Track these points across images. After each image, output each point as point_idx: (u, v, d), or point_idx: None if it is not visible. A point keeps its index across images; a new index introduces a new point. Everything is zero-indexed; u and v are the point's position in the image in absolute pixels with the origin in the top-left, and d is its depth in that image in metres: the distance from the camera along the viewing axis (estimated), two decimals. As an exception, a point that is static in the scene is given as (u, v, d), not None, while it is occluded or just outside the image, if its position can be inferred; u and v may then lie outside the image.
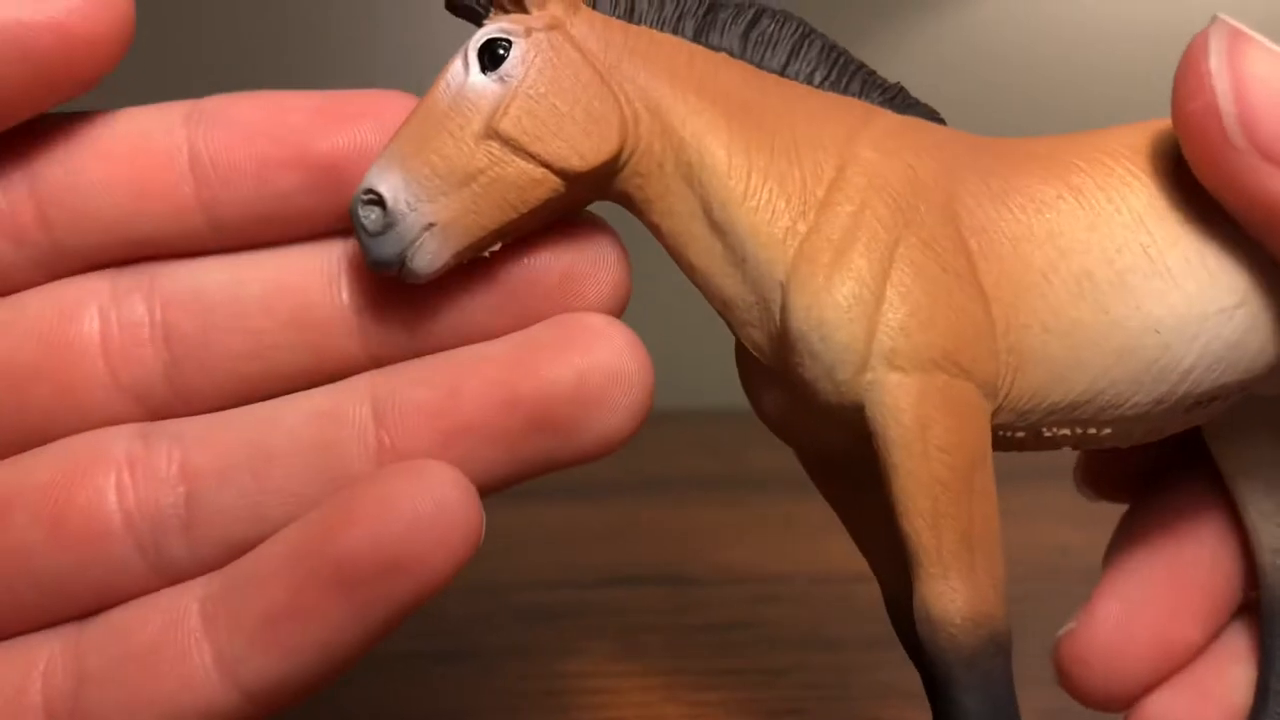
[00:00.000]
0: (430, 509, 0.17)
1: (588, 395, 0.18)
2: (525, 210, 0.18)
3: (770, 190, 0.19)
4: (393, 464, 0.18)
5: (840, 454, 0.20)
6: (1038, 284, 0.19)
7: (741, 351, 0.20)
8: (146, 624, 0.18)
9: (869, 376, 0.18)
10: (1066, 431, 0.19)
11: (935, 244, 0.18)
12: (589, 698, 0.30)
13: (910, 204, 0.18)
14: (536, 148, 0.18)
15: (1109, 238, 0.19)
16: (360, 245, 0.18)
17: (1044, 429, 0.19)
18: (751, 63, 0.20)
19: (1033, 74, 0.62)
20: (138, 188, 0.19)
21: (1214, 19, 0.17)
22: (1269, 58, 0.17)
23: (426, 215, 0.18)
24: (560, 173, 0.18)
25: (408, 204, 0.18)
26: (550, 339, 0.19)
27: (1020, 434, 0.19)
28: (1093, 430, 0.19)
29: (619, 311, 0.20)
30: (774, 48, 0.20)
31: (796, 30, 0.20)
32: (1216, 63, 0.17)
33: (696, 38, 0.20)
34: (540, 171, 0.18)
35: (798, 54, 0.20)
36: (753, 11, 0.20)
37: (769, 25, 0.20)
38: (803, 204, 0.19)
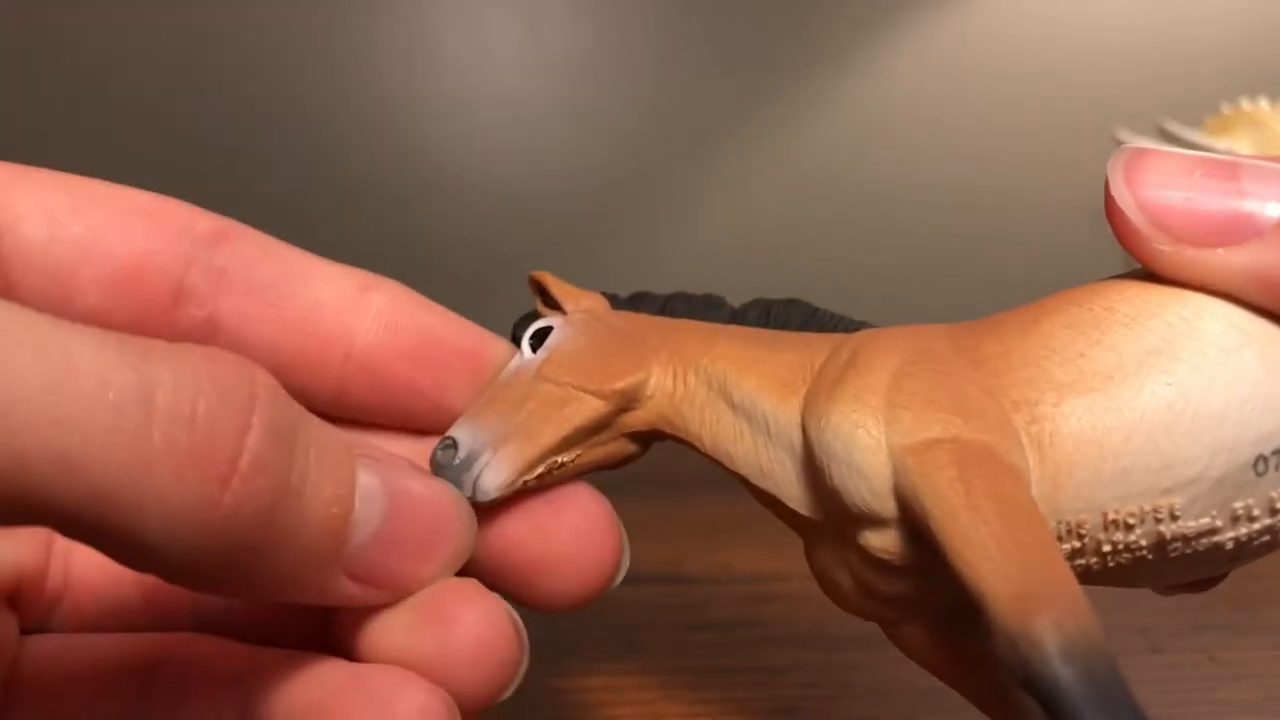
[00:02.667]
0: None
1: None
2: (572, 427, 0.21)
3: (776, 367, 0.21)
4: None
5: (918, 605, 0.21)
6: (1040, 372, 0.19)
7: (810, 553, 0.22)
8: None
9: (887, 460, 0.19)
10: (1134, 509, 0.18)
11: (929, 357, 0.20)
12: (589, 696, 0.30)
13: (901, 341, 0.21)
14: (575, 378, 0.22)
15: (1092, 326, 0.19)
16: None
17: (1107, 509, 0.19)
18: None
19: (1033, 75, 0.62)
20: (292, 358, 0.21)
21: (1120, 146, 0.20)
22: (1159, 164, 0.19)
23: (489, 442, 0.21)
24: (597, 393, 0.22)
25: (474, 439, 0.21)
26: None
27: (1083, 518, 0.19)
28: (1160, 502, 0.18)
29: None
30: (783, 325, 0.23)
31: (804, 308, 0.23)
32: (1118, 190, 0.19)
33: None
34: (580, 395, 0.22)
35: (806, 326, 0.23)
36: (768, 306, 0.23)
37: (780, 311, 0.23)
38: (805, 372, 0.21)
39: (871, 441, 0.19)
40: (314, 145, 0.61)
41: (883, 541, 0.19)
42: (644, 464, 0.24)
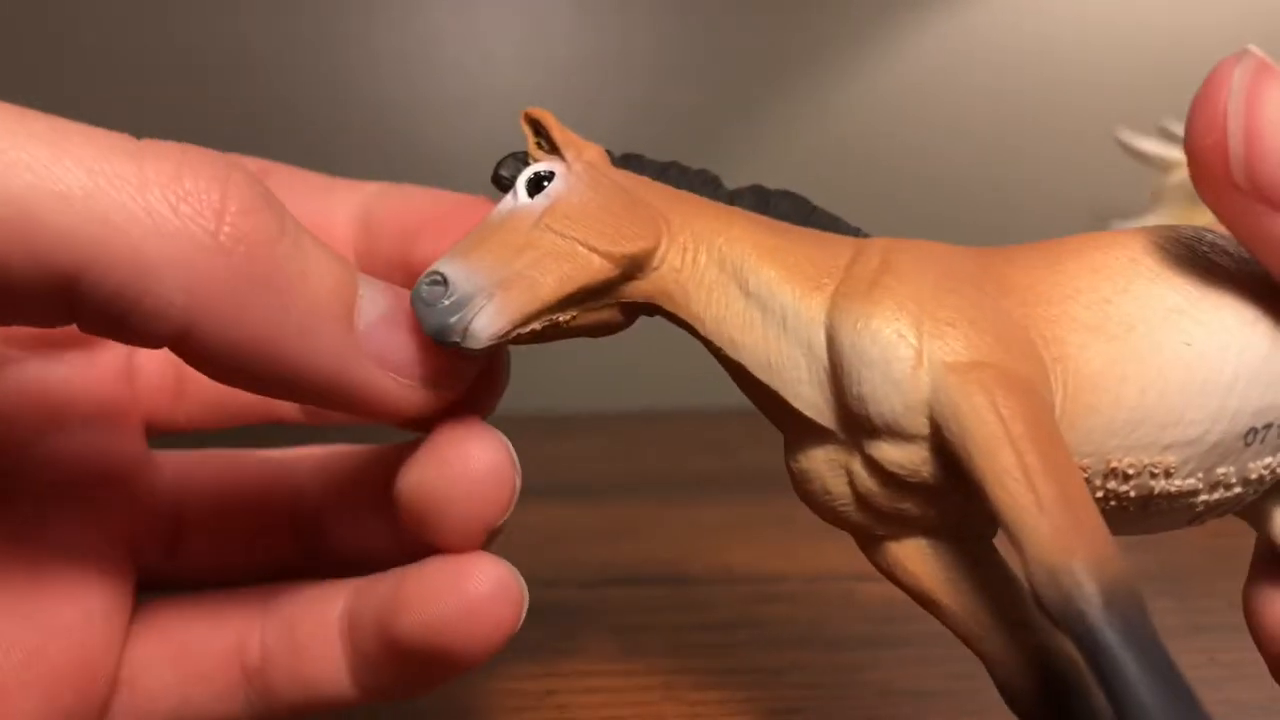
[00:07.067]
0: (470, 605, 0.20)
1: None
2: (575, 286, 0.20)
3: (797, 258, 0.20)
4: (444, 558, 0.21)
5: (918, 523, 0.20)
6: (1065, 311, 0.19)
7: (795, 453, 0.21)
8: (304, 622, 0.23)
9: (925, 376, 0.18)
10: (1134, 461, 0.19)
11: (965, 276, 0.20)
12: (588, 697, 0.30)
13: (934, 254, 0.20)
14: (583, 234, 0.20)
15: (1119, 274, 0.20)
16: (421, 321, 0.20)
17: (1111, 458, 0.19)
18: None
19: (1034, 75, 0.62)
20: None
21: (1243, 50, 0.17)
22: None
23: (485, 286, 0.20)
24: (605, 255, 0.20)
25: (468, 279, 0.20)
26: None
27: (1087, 463, 0.19)
28: (1159, 459, 0.19)
29: None
30: (780, 216, 0.22)
31: (801, 202, 0.22)
32: (1234, 102, 0.16)
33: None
34: (586, 253, 0.20)
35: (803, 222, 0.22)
36: (765, 195, 0.22)
37: (778, 202, 0.22)
38: (830, 270, 0.20)
39: (910, 353, 0.18)
40: (314, 145, 0.61)
41: (901, 455, 0.19)
42: (644, 465, 0.24)
